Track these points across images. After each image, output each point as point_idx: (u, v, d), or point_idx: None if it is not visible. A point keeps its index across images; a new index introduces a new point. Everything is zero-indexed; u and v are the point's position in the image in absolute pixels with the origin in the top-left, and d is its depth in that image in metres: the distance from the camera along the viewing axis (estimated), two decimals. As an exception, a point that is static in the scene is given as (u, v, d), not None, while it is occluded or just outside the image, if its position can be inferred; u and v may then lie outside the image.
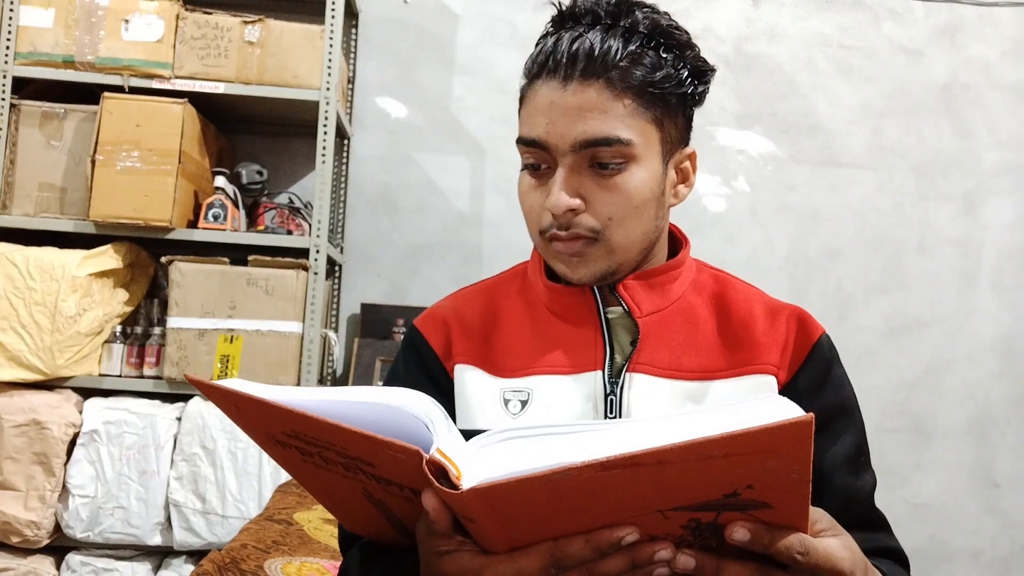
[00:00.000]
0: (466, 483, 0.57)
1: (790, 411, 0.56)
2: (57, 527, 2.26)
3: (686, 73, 0.86)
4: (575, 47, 0.82)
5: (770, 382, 0.86)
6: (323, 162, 2.44)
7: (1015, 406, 2.95)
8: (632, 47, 0.83)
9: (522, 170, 0.88)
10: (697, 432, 0.53)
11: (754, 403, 0.59)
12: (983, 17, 3.01)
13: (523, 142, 0.86)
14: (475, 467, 0.59)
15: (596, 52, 0.82)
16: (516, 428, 0.60)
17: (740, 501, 0.58)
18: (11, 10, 2.38)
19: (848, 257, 2.95)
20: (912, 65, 2.99)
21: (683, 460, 0.54)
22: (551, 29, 0.88)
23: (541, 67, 0.85)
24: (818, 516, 0.64)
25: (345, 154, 2.86)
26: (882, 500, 0.89)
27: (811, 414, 0.53)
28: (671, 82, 0.84)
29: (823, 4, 2.99)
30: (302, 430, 0.63)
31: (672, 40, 0.85)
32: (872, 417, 2.87)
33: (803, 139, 2.97)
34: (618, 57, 0.82)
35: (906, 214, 2.97)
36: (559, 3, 0.88)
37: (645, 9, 0.85)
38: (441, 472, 0.59)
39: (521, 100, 0.88)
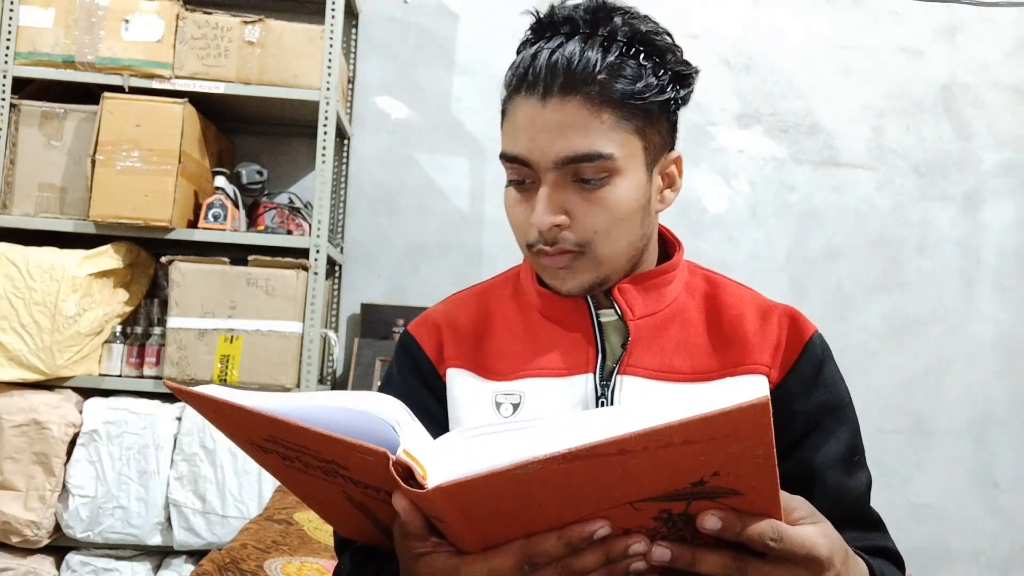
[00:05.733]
0: (431, 482, 0.57)
1: (752, 396, 0.55)
2: (57, 527, 2.26)
3: (668, 79, 0.84)
4: (553, 61, 0.81)
5: (761, 382, 0.86)
6: (323, 162, 2.44)
7: (1015, 406, 2.95)
8: (611, 58, 0.81)
9: (507, 185, 0.88)
10: (658, 420, 0.53)
11: (719, 391, 0.59)
12: (983, 17, 3.01)
13: (506, 158, 0.85)
14: (441, 466, 0.59)
15: (574, 66, 0.80)
16: (481, 426, 0.60)
17: (708, 489, 0.58)
18: (11, 10, 2.38)
19: (848, 257, 2.95)
20: (912, 65, 2.99)
21: (644, 448, 0.54)
22: (530, 37, 0.86)
23: (520, 81, 0.84)
24: (796, 504, 0.64)
25: (345, 154, 2.86)
26: (882, 500, 0.89)
27: (766, 395, 0.52)
28: (652, 91, 0.83)
29: (823, 4, 2.99)
30: (278, 435, 0.64)
31: (652, 47, 0.83)
32: (872, 417, 2.87)
33: (803, 139, 2.97)
34: (596, 70, 0.80)
35: (906, 214, 2.97)
36: (536, 11, 0.87)
37: (624, 15, 0.83)
38: (408, 473, 0.59)
39: (503, 114, 0.87)
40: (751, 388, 0.85)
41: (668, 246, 0.96)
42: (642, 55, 0.83)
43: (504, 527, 0.61)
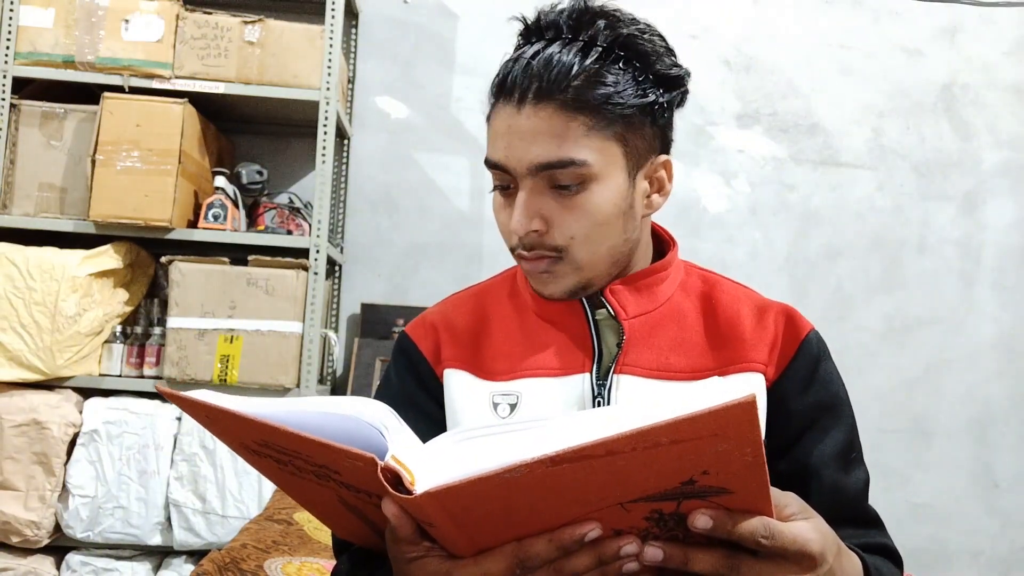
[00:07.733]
0: (420, 488, 0.57)
1: (739, 394, 0.55)
2: (57, 527, 2.26)
3: (650, 83, 0.84)
4: (529, 68, 0.81)
5: (758, 380, 0.86)
6: (323, 162, 2.44)
7: (1015, 406, 2.95)
8: (588, 63, 0.81)
9: (492, 190, 0.89)
10: (645, 421, 0.53)
11: (705, 390, 0.58)
12: (983, 17, 3.01)
13: (488, 164, 0.86)
14: (430, 471, 0.59)
15: (549, 73, 0.80)
16: (470, 429, 0.60)
17: (698, 488, 0.57)
18: (11, 10, 2.38)
19: (848, 257, 2.95)
20: (912, 65, 2.99)
21: (632, 449, 0.54)
22: (520, 42, 0.87)
23: (500, 89, 0.85)
24: (787, 501, 0.64)
25: (345, 154, 2.86)
26: (882, 500, 0.89)
27: (752, 394, 0.52)
28: (631, 96, 0.82)
29: (823, 4, 2.99)
30: (270, 439, 0.64)
31: (633, 51, 0.83)
32: (872, 417, 2.87)
33: (803, 139, 2.97)
34: (571, 76, 0.80)
35: (906, 214, 2.97)
36: (524, 17, 0.87)
37: (609, 18, 0.83)
38: (397, 478, 0.59)
39: (487, 120, 0.88)
40: (743, 386, 0.85)
41: (663, 245, 0.96)
42: (622, 60, 0.82)
43: (495, 531, 0.60)
